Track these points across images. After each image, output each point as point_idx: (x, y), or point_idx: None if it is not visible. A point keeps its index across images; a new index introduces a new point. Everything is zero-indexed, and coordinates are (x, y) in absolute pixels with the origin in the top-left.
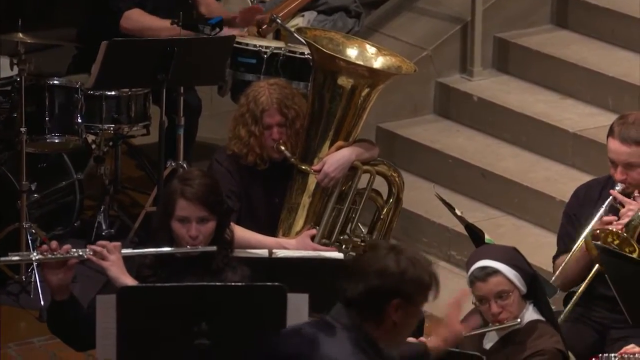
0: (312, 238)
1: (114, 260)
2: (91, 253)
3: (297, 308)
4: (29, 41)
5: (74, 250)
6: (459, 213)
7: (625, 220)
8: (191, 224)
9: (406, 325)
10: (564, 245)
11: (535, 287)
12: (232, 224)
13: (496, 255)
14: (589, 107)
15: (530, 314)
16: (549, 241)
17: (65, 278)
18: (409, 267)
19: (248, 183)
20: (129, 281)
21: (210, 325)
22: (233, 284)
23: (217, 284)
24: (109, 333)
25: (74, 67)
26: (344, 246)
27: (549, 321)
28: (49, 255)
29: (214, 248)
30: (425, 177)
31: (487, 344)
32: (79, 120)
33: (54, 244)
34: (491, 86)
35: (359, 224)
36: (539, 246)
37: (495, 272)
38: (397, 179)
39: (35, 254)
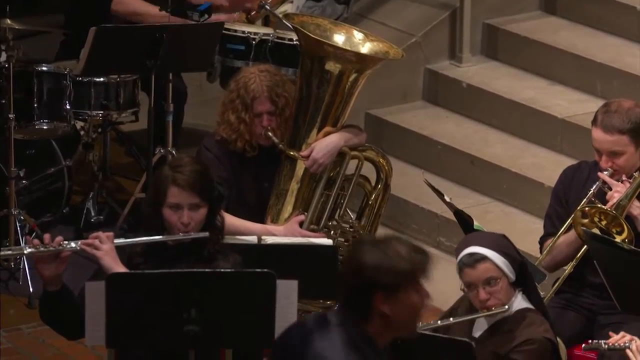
0: (301, 224)
1: (107, 250)
2: (84, 245)
3: (287, 294)
4: (17, 27)
5: (66, 242)
6: (447, 199)
7: (612, 202)
8: (183, 211)
9: (402, 314)
10: (551, 225)
11: (524, 275)
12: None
13: (485, 242)
14: (577, 93)
15: (519, 302)
16: (538, 227)
17: (58, 270)
18: (383, 259)
19: (237, 169)
20: (122, 270)
21: (200, 311)
22: (222, 270)
23: (206, 270)
24: (98, 319)
25: (62, 54)
26: (332, 232)
27: (538, 309)
28: (41, 249)
29: (206, 234)
30: (413, 163)
31: (477, 332)
32: (68, 107)
33: (46, 237)
34: (480, 72)
35: (348, 210)
36: (528, 232)
37: (484, 258)
38: (385, 165)
39: (27, 247)
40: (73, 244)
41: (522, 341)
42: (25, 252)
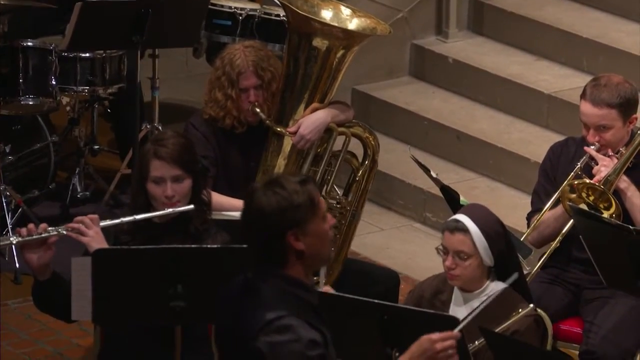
0: None
1: (93, 235)
2: (70, 230)
3: None
4: (1, 2)
5: (52, 228)
6: (434, 175)
7: (599, 176)
8: (166, 184)
9: (316, 244)
10: (539, 201)
11: (505, 265)
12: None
13: (477, 218)
14: (563, 69)
15: (495, 286)
16: (524, 202)
17: (46, 257)
18: (280, 200)
19: (225, 147)
20: None
21: (186, 287)
22: (208, 246)
23: (193, 246)
24: (84, 295)
25: (47, 29)
26: None
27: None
28: (27, 237)
29: (192, 207)
30: (400, 139)
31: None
32: (53, 82)
33: (31, 226)
34: (466, 48)
35: (335, 186)
36: (514, 207)
37: (465, 230)
38: (372, 141)
39: (14, 237)
40: (60, 229)
41: (510, 334)
42: (13, 242)
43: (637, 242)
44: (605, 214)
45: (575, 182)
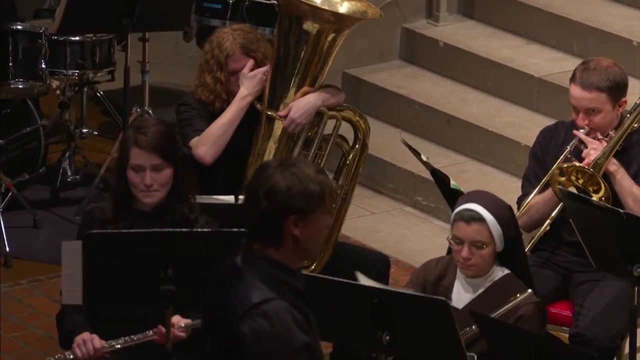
0: None
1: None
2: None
3: None
4: None
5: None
6: (424, 158)
7: (588, 159)
8: (145, 173)
9: (312, 237)
10: (529, 186)
11: (512, 251)
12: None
13: (489, 205)
14: (554, 52)
15: (498, 271)
16: (514, 186)
17: None
18: (295, 182)
19: None
20: None
21: (177, 271)
22: (199, 230)
23: (183, 230)
24: (75, 279)
25: (37, 12)
26: None
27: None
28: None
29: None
30: (391, 122)
31: (458, 304)
32: (43, 66)
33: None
34: (457, 31)
35: (325, 170)
36: (504, 191)
37: (481, 220)
38: (362, 125)
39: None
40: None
41: (515, 321)
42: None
43: (627, 225)
44: (595, 197)
45: (565, 165)
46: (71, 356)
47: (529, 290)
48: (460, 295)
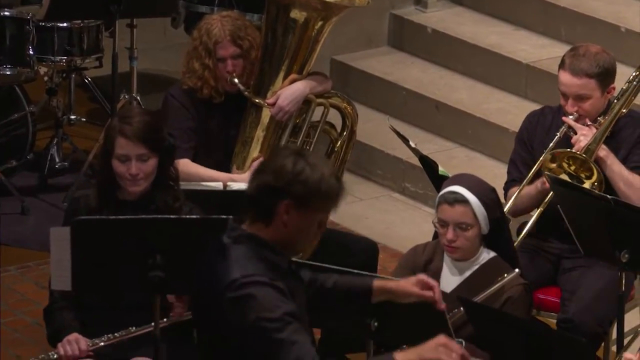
0: None
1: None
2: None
3: None
4: None
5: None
6: (413, 145)
7: (578, 146)
8: (131, 162)
9: (300, 230)
10: (516, 170)
11: (498, 232)
12: (181, 162)
13: (473, 187)
14: (542, 38)
15: (485, 254)
16: (502, 172)
17: None
18: (306, 170)
19: (204, 116)
20: None
21: (165, 257)
22: (187, 216)
23: (172, 216)
24: (63, 265)
25: None
26: None
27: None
28: None
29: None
30: (379, 109)
31: (446, 287)
32: (31, 52)
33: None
34: (445, 18)
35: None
36: (492, 177)
37: (465, 201)
38: (350, 112)
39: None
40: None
41: (503, 302)
42: None
43: (615, 211)
44: (587, 183)
45: (557, 151)
46: (55, 356)
47: (516, 270)
48: (448, 279)
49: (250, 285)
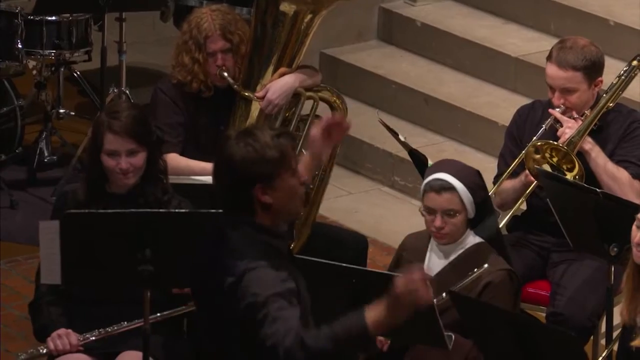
0: None
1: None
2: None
3: None
4: None
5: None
6: (402, 138)
7: (564, 138)
8: (121, 157)
9: (284, 199)
10: (505, 164)
11: (484, 215)
12: (170, 156)
13: (458, 173)
14: (531, 32)
15: (471, 238)
16: (492, 166)
17: None
18: (251, 152)
19: (193, 111)
20: None
21: (155, 251)
22: (177, 210)
23: (161, 210)
24: (53, 258)
25: None
26: None
27: (497, 247)
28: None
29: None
30: (368, 103)
31: (432, 272)
32: (20, 46)
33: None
34: (434, 11)
35: (303, 150)
36: (481, 170)
37: (452, 188)
38: (340, 105)
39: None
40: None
41: (482, 287)
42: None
43: (604, 204)
44: (569, 175)
45: (539, 143)
46: (44, 350)
47: (485, 266)
48: (434, 262)
49: (251, 271)
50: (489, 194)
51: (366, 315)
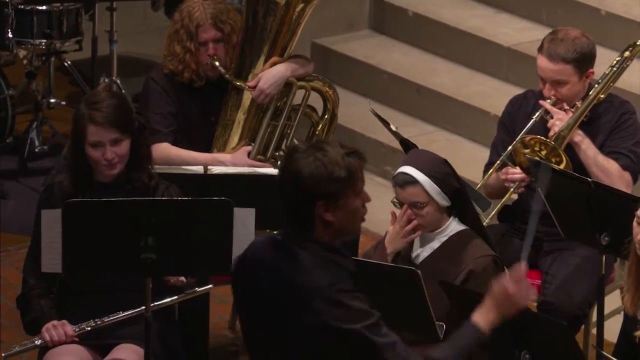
0: (248, 154)
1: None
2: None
3: (244, 223)
4: None
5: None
6: (394, 128)
7: (554, 130)
8: (105, 147)
9: (345, 219)
10: (497, 154)
11: (461, 202)
12: (161, 145)
13: (421, 165)
14: (523, 22)
15: (455, 225)
16: (483, 155)
17: None
18: (320, 168)
19: (185, 101)
20: None
21: (157, 239)
22: (180, 198)
23: (164, 198)
24: (54, 247)
25: None
26: (279, 162)
27: (477, 231)
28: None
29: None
30: (360, 92)
31: (417, 259)
32: (10, 35)
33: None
34: (426, 1)
35: (295, 140)
36: (473, 160)
37: (414, 182)
38: (332, 95)
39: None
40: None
41: (466, 275)
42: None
43: (595, 194)
44: None
45: (527, 138)
46: (39, 342)
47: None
48: (420, 251)
49: (342, 293)
50: (479, 185)
51: (476, 320)
